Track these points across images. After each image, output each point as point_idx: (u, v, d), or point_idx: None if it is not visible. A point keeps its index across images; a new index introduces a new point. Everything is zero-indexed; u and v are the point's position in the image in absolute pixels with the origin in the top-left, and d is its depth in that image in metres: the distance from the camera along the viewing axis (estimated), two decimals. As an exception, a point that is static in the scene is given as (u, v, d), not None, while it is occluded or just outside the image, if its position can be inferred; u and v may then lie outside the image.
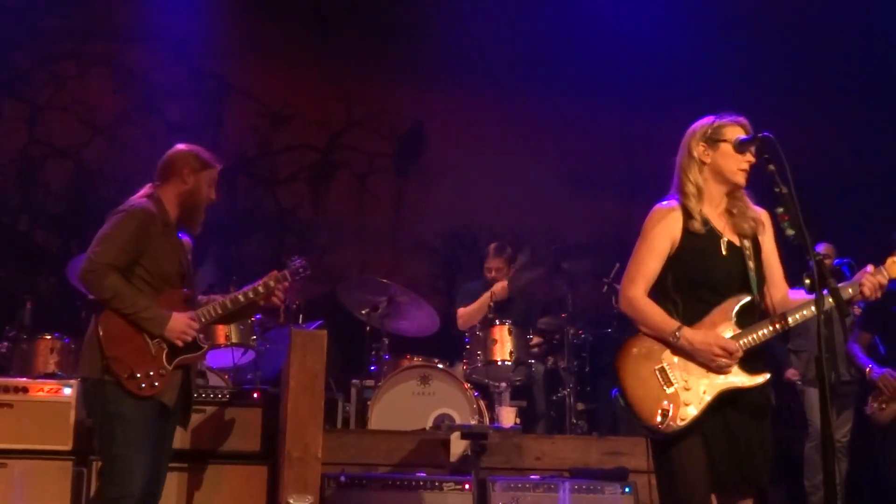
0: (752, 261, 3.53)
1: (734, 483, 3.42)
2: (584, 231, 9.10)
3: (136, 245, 4.15)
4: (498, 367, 6.79)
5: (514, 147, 9.38)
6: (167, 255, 4.25)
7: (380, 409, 6.38)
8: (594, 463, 5.68)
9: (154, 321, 4.11)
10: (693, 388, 3.42)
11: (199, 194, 4.35)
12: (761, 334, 3.44)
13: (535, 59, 9.55)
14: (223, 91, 9.42)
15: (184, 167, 4.33)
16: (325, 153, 9.49)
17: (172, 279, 4.28)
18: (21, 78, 9.06)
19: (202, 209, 4.39)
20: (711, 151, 3.58)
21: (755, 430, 3.45)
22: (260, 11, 9.32)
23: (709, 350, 3.40)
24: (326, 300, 7.32)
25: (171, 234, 4.31)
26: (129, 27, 9.26)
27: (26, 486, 4.91)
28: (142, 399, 4.05)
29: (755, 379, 3.43)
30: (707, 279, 3.51)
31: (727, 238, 3.56)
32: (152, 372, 4.08)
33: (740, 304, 3.47)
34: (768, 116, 3.66)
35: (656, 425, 3.42)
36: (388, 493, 5.15)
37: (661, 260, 3.55)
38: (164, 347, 4.14)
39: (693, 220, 3.54)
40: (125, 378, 4.03)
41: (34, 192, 8.94)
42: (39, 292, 6.82)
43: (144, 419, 4.06)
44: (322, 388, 4.85)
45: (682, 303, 3.52)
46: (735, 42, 9.27)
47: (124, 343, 4.08)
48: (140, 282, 4.18)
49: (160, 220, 4.24)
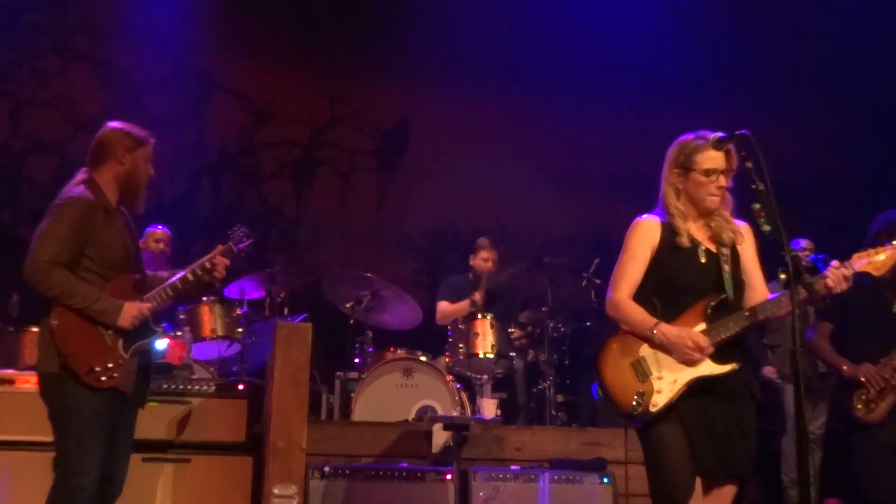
0: (728, 265, 3.66)
1: (714, 469, 3.55)
2: (564, 228, 9.14)
3: (77, 237, 4.04)
4: (480, 360, 6.86)
5: (496, 145, 9.42)
6: (111, 242, 4.14)
7: (363, 400, 6.42)
8: (573, 454, 5.74)
9: (106, 312, 4.03)
10: (666, 377, 3.60)
11: (136, 173, 4.22)
12: (731, 327, 3.57)
13: (517, 59, 9.59)
14: (207, 87, 9.40)
15: (118, 148, 4.20)
16: (308, 150, 9.49)
17: (120, 265, 4.16)
18: (3, 73, 9.00)
19: (142, 188, 4.26)
20: (684, 179, 3.72)
21: (734, 419, 3.58)
22: (244, 9, 9.30)
23: (682, 343, 3.56)
24: (311, 294, 7.35)
25: (113, 218, 4.19)
26: (112, 23, 9.23)
27: (12, 476, 4.91)
28: (99, 391, 3.98)
29: (723, 368, 3.56)
30: (685, 284, 3.68)
31: (706, 246, 3.70)
32: (111, 363, 4.01)
33: (714, 302, 3.61)
34: (748, 116, 3.73)
35: (631, 411, 3.60)
36: (371, 483, 5.20)
37: (643, 267, 3.73)
38: (119, 336, 4.07)
39: (680, 236, 3.68)
40: (84, 373, 3.96)
41: (18, 186, 8.89)
42: (25, 286, 6.76)
43: (100, 412, 4.00)
44: (306, 380, 4.87)
45: (660, 305, 3.69)
46: (716, 45, 9.33)
47: (78, 337, 4.01)
48: (87, 272, 4.07)
49: (100, 206, 4.12)
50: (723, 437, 3.54)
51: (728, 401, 3.58)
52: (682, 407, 3.54)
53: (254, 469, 5.12)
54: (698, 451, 3.51)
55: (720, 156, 3.66)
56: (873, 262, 3.57)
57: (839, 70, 9.47)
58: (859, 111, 9.57)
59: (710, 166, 3.65)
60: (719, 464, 3.54)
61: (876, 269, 3.57)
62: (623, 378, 3.64)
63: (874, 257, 3.57)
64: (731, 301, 3.62)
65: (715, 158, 3.66)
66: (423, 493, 5.21)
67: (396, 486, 5.21)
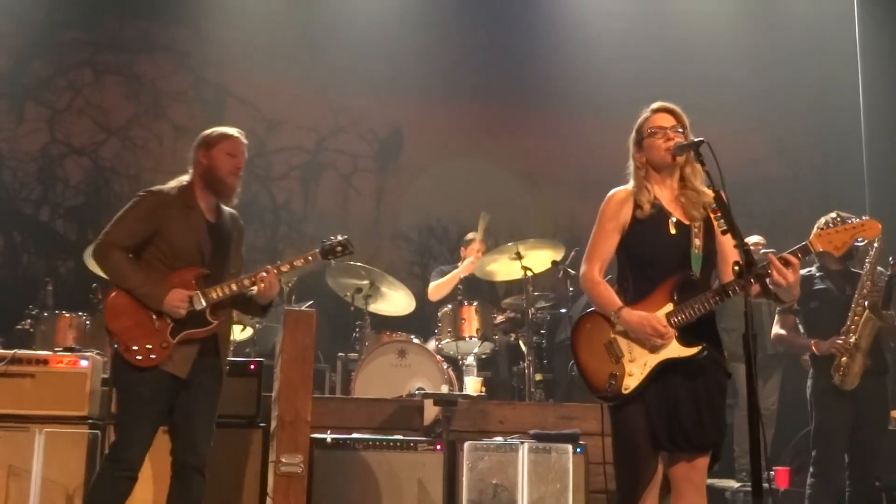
0: (698, 238, 3.44)
1: (677, 444, 3.36)
2: (540, 223, 9.13)
3: (142, 226, 3.98)
4: (466, 342, 6.84)
5: (482, 150, 9.41)
6: (183, 235, 4.01)
7: (362, 378, 6.39)
8: (550, 427, 5.69)
9: (150, 297, 3.92)
10: (637, 360, 3.40)
11: (216, 168, 4.10)
12: (696, 309, 3.37)
13: (500, 73, 9.58)
14: (223, 98, 9.34)
15: (198, 151, 4.16)
16: (314, 154, 9.44)
17: (189, 257, 4.02)
18: (42, 84, 8.96)
19: (224, 180, 4.11)
20: (642, 151, 3.53)
21: (702, 393, 3.38)
22: (257, 29, 9.27)
23: (642, 331, 3.35)
24: (316, 282, 7.30)
25: (193, 215, 4.06)
26: (139, 40, 9.18)
27: (47, 448, 4.85)
28: (143, 370, 3.88)
29: (690, 351, 3.36)
30: (655, 257, 3.45)
31: (676, 217, 3.47)
32: (150, 345, 3.90)
33: (679, 282, 3.39)
34: (704, 125, 3.63)
35: (605, 392, 3.42)
36: (368, 452, 5.18)
37: (613, 239, 3.50)
38: (169, 322, 3.94)
39: (640, 208, 3.47)
40: (122, 350, 3.90)
41: (54, 186, 8.83)
42: (59, 275, 6.74)
43: (145, 391, 3.90)
44: (311, 360, 4.81)
45: (632, 280, 3.48)
46: (680, 53, 9.32)
47: (126, 317, 3.92)
48: (154, 260, 4.00)
49: (179, 202, 4.04)
50: (689, 413, 3.35)
51: (695, 376, 3.37)
52: (647, 387, 3.36)
53: (263, 439, 5.06)
54: (657, 431, 3.33)
55: (666, 116, 3.50)
56: (833, 242, 3.38)
57: (787, 85, 9.46)
58: (802, 120, 9.58)
59: (656, 125, 3.49)
60: (687, 438, 3.35)
61: (836, 248, 3.39)
62: (597, 359, 3.44)
63: (833, 237, 3.39)
64: (698, 278, 3.41)
65: (659, 119, 3.50)
66: (416, 462, 5.19)
67: (391, 456, 5.18)
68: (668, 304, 3.40)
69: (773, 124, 9.57)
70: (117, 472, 3.87)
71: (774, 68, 9.39)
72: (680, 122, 3.51)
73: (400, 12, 9.41)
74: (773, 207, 9.36)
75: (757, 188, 9.22)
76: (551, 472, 5.26)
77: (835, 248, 3.41)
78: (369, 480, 5.12)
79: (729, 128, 8.61)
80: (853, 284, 5.33)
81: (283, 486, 4.56)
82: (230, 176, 4.13)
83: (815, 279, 5.48)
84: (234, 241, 4.24)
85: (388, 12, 9.41)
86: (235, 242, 4.25)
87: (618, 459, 3.45)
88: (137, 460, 3.90)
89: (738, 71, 9.30)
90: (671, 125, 3.50)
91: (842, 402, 5.24)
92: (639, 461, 3.35)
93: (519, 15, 9.55)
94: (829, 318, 5.33)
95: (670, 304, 3.40)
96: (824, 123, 9.49)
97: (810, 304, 5.42)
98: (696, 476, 3.44)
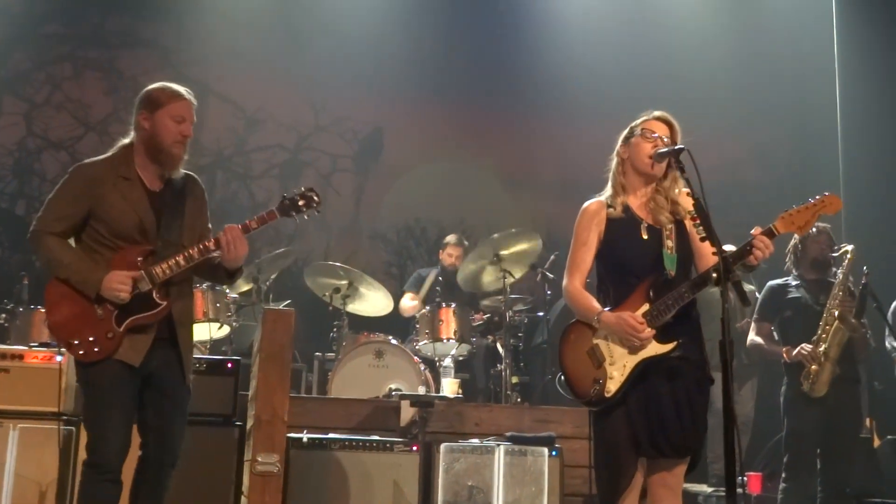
0: (670, 240, 3.47)
1: (659, 450, 3.38)
2: (519, 225, 9.14)
3: (72, 208, 3.52)
4: (444, 344, 6.84)
5: (461, 152, 9.42)
6: (119, 211, 3.52)
7: (339, 379, 6.38)
8: (526, 429, 5.70)
9: (85, 283, 3.46)
10: (617, 362, 3.43)
11: (158, 135, 3.56)
12: (670, 305, 3.38)
13: (480, 74, 9.60)
14: (204, 95, 9.28)
15: (139, 112, 3.61)
16: (294, 153, 9.40)
17: (129, 235, 3.53)
18: (21, 78, 8.87)
19: (168, 150, 3.57)
20: (628, 148, 3.56)
21: (683, 398, 3.40)
22: (239, 27, 9.22)
23: (621, 329, 3.37)
24: (294, 282, 7.27)
25: (130, 187, 3.56)
26: (120, 35, 9.12)
27: (20, 444, 4.78)
28: (96, 364, 3.46)
29: (667, 346, 3.39)
30: (630, 262, 3.49)
31: (647, 223, 3.51)
32: (93, 337, 3.45)
33: (654, 282, 3.42)
34: (683, 129, 3.65)
35: (590, 397, 3.44)
36: (344, 452, 5.15)
37: (591, 251, 3.55)
38: (113, 309, 3.47)
39: (612, 208, 3.52)
40: (64, 346, 3.52)
41: (30, 180, 8.75)
42: (34, 270, 6.66)
43: (106, 381, 3.48)
44: (289, 359, 4.79)
45: (612, 288, 3.52)
46: (659, 58, 9.36)
47: (66, 309, 3.49)
48: (93, 242, 3.54)
49: (113, 174, 3.55)
50: (671, 418, 3.36)
51: (676, 380, 3.40)
52: (630, 392, 3.38)
53: (239, 439, 5.03)
54: (639, 436, 3.36)
55: (662, 126, 3.53)
56: (796, 222, 3.38)
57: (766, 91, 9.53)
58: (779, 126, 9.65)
59: (649, 128, 3.51)
60: (669, 444, 3.36)
61: (799, 227, 3.40)
62: (581, 366, 3.47)
63: (795, 217, 3.39)
64: (673, 278, 3.42)
65: (655, 125, 3.53)
66: (392, 463, 5.17)
67: (367, 456, 5.17)
68: (645, 304, 3.43)
69: (751, 129, 9.63)
70: (97, 477, 3.51)
71: (752, 73, 9.45)
72: (673, 137, 3.55)
73: (383, 12, 9.39)
74: (751, 212, 9.42)
75: (735, 193, 9.27)
76: (527, 475, 5.27)
77: (798, 228, 3.41)
78: (345, 481, 5.10)
79: (707, 132, 8.67)
80: (828, 294, 5.38)
81: (259, 485, 4.54)
82: (176, 145, 3.59)
83: (790, 288, 5.55)
84: (189, 209, 3.70)
85: (370, 12, 9.38)
86: (192, 210, 3.72)
87: (598, 464, 3.47)
88: (116, 460, 3.52)
89: (717, 75, 9.35)
90: (664, 135, 3.53)
91: (813, 408, 5.30)
92: (620, 466, 3.38)
93: (501, 17, 9.59)
94: (803, 327, 5.39)
95: (647, 304, 3.43)
96: (801, 127, 9.57)
97: (785, 312, 5.49)
98: (673, 481, 3.47)
